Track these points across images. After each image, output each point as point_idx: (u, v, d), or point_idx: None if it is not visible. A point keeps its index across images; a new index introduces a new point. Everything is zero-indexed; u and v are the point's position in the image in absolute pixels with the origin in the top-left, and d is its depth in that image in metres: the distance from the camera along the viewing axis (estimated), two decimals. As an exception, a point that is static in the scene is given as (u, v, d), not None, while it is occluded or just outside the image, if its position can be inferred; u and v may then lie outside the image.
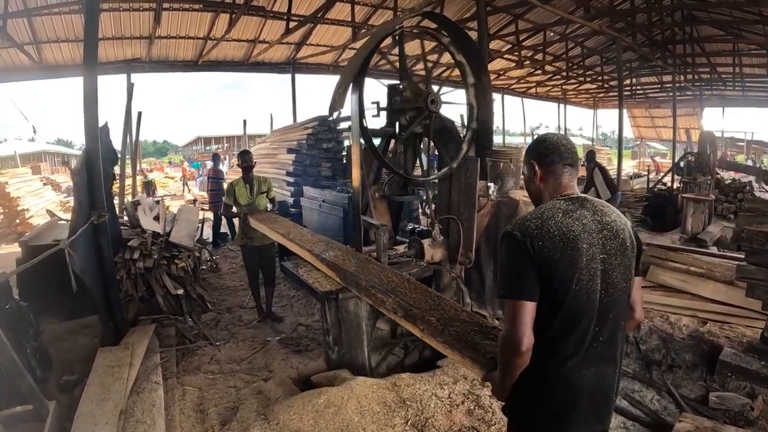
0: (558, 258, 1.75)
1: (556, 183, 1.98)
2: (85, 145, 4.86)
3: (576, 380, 1.85)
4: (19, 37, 10.55)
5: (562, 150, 1.97)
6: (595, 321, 1.83)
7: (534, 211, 1.90)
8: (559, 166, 1.97)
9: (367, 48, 4.19)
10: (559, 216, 1.82)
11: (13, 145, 38.43)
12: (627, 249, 1.90)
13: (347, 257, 4.19)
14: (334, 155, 10.58)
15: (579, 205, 1.89)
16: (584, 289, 1.78)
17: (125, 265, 5.70)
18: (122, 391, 3.86)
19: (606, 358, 1.90)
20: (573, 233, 1.78)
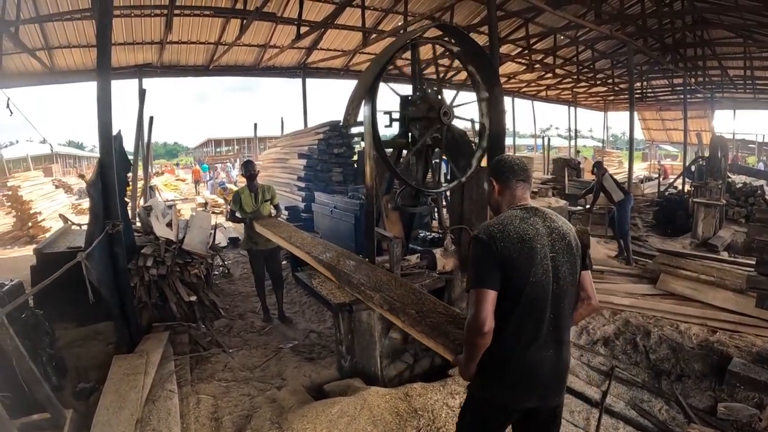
0: (516, 256, 2.12)
1: (511, 195, 2.35)
2: (99, 156, 4.90)
3: (538, 360, 2.20)
4: (31, 43, 10.68)
5: (516, 168, 2.35)
6: (550, 309, 2.19)
7: (495, 219, 2.28)
8: (513, 181, 2.34)
9: (380, 62, 4.22)
10: (517, 222, 2.19)
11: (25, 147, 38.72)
12: (572, 248, 2.26)
13: (342, 259, 4.59)
14: (345, 161, 10.63)
15: (532, 214, 2.26)
16: (540, 281, 2.15)
17: (139, 272, 5.73)
18: (138, 400, 3.89)
19: (560, 342, 2.25)
20: (528, 236, 2.15)
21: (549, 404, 2.32)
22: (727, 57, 18.55)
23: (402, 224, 5.16)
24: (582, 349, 4.99)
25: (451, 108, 4.51)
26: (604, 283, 6.67)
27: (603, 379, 4.41)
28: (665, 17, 14.70)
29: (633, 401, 4.07)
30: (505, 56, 16.84)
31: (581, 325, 5.53)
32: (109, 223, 4.71)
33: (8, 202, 14.72)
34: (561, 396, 2.38)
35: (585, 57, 18.88)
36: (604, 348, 5.12)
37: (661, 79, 23.59)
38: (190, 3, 10.85)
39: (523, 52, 17.13)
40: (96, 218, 4.76)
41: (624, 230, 9.05)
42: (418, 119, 4.57)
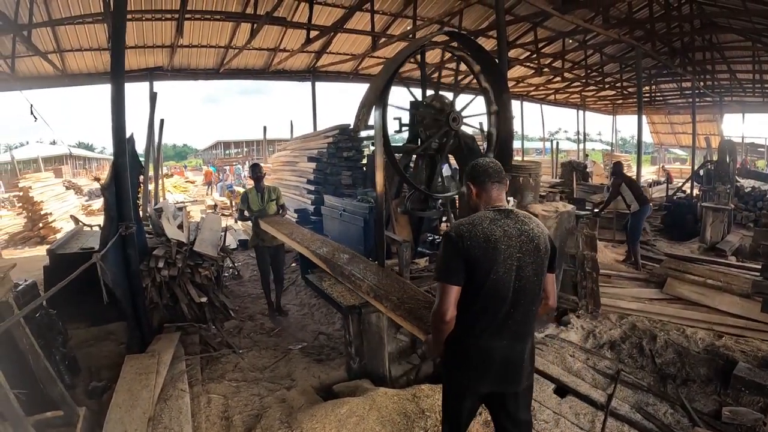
0: (480, 255, 2.30)
1: (487, 197, 2.51)
2: (113, 158, 4.99)
3: (490, 349, 2.41)
4: (43, 46, 10.77)
5: (490, 171, 2.51)
6: (510, 304, 2.37)
7: (467, 218, 2.43)
8: (488, 183, 2.50)
9: (391, 67, 4.28)
10: (486, 223, 2.36)
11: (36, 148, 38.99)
12: (540, 251, 2.42)
13: (337, 253, 4.95)
14: (355, 164, 10.67)
15: (504, 216, 2.42)
16: (500, 279, 2.32)
17: (150, 273, 5.81)
18: (150, 398, 3.96)
19: (518, 335, 2.45)
20: (494, 236, 2.32)
21: (507, 390, 2.51)
22: (735, 60, 18.46)
23: (411, 228, 5.22)
24: (588, 353, 5.02)
25: (459, 114, 4.57)
26: (612, 287, 6.69)
27: (609, 383, 4.43)
28: (673, 21, 14.66)
29: (638, 405, 4.09)
30: (513, 60, 16.84)
31: (588, 329, 5.56)
32: (123, 225, 4.79)
33: (19, 202, 14.87)
34: (519, 384, 2.52)
35: (593, 61, 18.84)
36: (611, 352, 5.15)
37: (669, 83, 23.50)
38: (201, 7, 10.92)
39: (532, 56, 17.11)
40: (110, 220, 4.84)
41: (634, 237, 8.96)
42: (428, 124, 4.63)
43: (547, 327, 5.57)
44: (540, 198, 5.66)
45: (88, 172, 40.48)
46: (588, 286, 5.92)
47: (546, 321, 5.58)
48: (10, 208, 16.25)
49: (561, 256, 5.51)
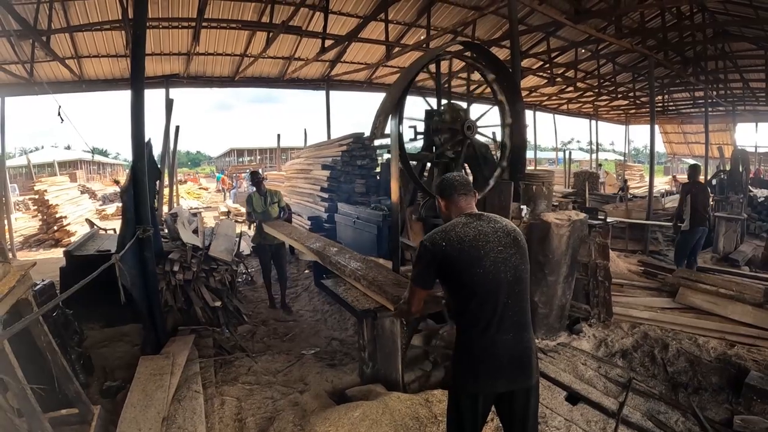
0: (457, 255, 2.46)
1: (456, 207, 2.67)
2: (132, 163, 5.07)
3: (497, 343, 2.47)
4: (61, 51, 10.99)
5: (456, 184, 2.69)
6: (506, 295, 2.47)
7: (440, 227, 2.61)
8: (455, 195, 2.68)
9: (406, 77, 4.34)
10: (459, 227, 2.52)
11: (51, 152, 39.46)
12: (519, 243, 2.56)
13: (327, 247, 5.77)
14: (368, 172, 10.71)
15: (475, 219, 2.57)
16: (489, 271, 2.44)
17: (165, 277, 5.88)
18: (164, 399, 3.99)
19: (520, 325, 2.52)
20: (468, 237, 2.47)
21: (520, 386, 2.54)
22: (748, 69, 18.35)
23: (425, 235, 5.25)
24: (600, 361, 5.02)
25: (474, 123, 4.62)
26: (624, 296, 6.68)
27: (620, 391, 4.43)
28: (686, 30, 14.63)
29: (650, 413, 4.09)
30: (526, 70, 16.84)
31: (600, 337, 5.56)
32: (140, 228, 4.87)
33: (35, 205, 15.06)
34: (530, 378, 2.56)
35: (606, 70, 18.82)
36: (622, 360, 5.14)
37: (682, 92, 23.38)
38: (218, 16, 11.08)
39: (545, 66, 17.17)
40: (128, 223, 4.92)
41: (677, 257, 8.57)
42: (443, 134, 4.68)
43: (559, 335, 5.57)
44: (553, 207, 5.66)
45: (102, 177, 40.91)
46: (600, 294, 5.91)
47: (558, 329, 5.58)
48: (25, 210, 16.47)
49: (574, 264, 5.52)
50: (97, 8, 9.97)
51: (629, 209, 13.13)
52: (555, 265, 5.27)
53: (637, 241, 11.20)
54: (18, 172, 33.37)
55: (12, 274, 3.29)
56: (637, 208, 13.21)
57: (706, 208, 8.44)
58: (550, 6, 11.57)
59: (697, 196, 8.34)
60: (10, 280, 3.22)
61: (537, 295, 5.29)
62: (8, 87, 11.71)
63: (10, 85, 11.66)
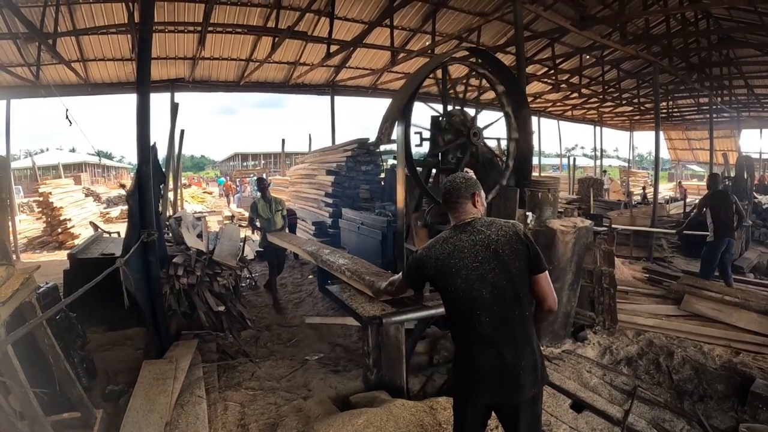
0: (433, 274, 2.53)
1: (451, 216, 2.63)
2: (137, 167, 5.08)
3: (479, 357, 2.44)
4: (67, 54, 11.05)
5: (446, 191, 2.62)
6: (484, 313, 2.40)
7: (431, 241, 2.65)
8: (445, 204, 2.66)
9: (413, 83, 4.34)
10: (438, 244, 2.55)
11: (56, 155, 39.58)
12: (501, 256, 2.41)
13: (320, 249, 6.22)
14: (373, 178, 10.70)
15: (459, 231, 2.53)
16: (463, 289, 2.42)
17: (169, 281, 5.88)
18: (167, 403, 3.98)
19: (506, 342, 2.41)
20: (443, 254, 2.49)
21: (505, 401, 2.48)
22: (753, 76, 18.41)
23: (430, 241, 5.25)
24: (605, 369, 4.99)
25: (480, 129, 4.61)
26: (629, 304, 6.65)
27: (625, 399, 4.40)
28: (690, 36, 14.63)
29: (655, 421, 4.06)
30: (531, 76, 16.87)
31: (605, 345, 5.53)
32: (145, 232, 4.87)
33: (39, 207, 15.10)
34: (518, 394, 2.43)
35: (611, 77, 18.81)
36: (627, 368, 5.11)
37: (687, 99, 23.34)
38: (224, 20, 11.13)
39: (549, 72, 17.16)
40: (133, 227, 4.92)
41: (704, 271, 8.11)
42: (449, 140, 4.67)
43: (564, 342, 5.54)
44: (558, 213, 5.65)
45: (107, 180, 41.05)
46: (605, 301, 5.89)
47: (563, 336, 5.56)
48: (29, 212, 16.51)
49: (579, 271, 5.50)
50: (104, 12, 10.03)
51: (634, 216, 13.08)
52: (560, 272, 5.26)
53: (641, 248, 11.16)
54: (23, 174, 33.52)
55: (16, 277, 3.29)
56: (641, 214, 13.16)
57: (730, 217, 8.01)
58: (555, 12, 11.61)
59: (717, 206, 8.03)
60: (14, 282, 3.22)
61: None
62: (14, 89, 11.80)
63: (16, 88, 11.75)
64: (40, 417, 3.10)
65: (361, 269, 4.72)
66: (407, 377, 4.31)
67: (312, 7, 10.71)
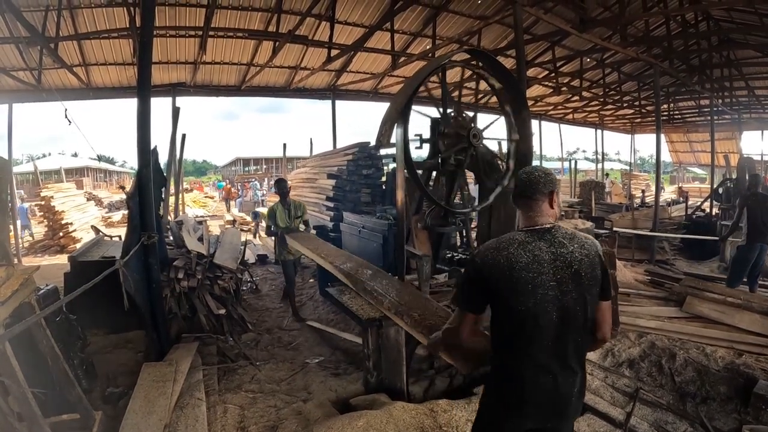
0: (502, 285, 2.09)
1: (523, 214, 2.25)
2: (138, 170, 5.08)
3: (533, 384, 2.15)
4: (69, 59, 11.08)
5: (519, 183, 2.26)
6: (551, 337, 2.11)
7: (495, 241, 2.21)
8: (518, 199, 2.26)
9: (412, 85, 4.34)
10: (513, 247, 2.11)
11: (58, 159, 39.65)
12: (582, 278, 2.12)
13: (362, 268, 4.94)
14: (374, 181, 10.66)
15: (538, 237, 2.15)
16: (533, 311, 2.07)
17: (170, 284, 5.88)
18: (167, 406, 3.99)
19: (565, 369, 2.16)
20: (520, 264, 2.07)
21: (549, 425, 2.26)
22: (754, 77, 18.41)
23: (431, 244, 5.24)
24: (607, 371, 4.97)
25: (479, 131, 4.61)
26: (631, 306, 6.63)
27: (627, 401, 4.39)
28: (691, 38, 14.64)
29: (657, 423, 4.04)
30: (531, 79, 16.87)
31: (607, 347, 5.51)
32: (145, 235, 4.87)
33: (41, 211, 15.13)
34: (565, 421, 2.30)
35: (611, 79, 18.81)
36: (629, 370, 5.08)
37: (688, 101, 23.36)
38: (225, 25, 11.14)
39: (550, 75, 17.18)
40: (134, 229, 4.92)
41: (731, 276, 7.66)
42: (449, 142, 4.67)
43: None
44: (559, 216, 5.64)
45: (109, 184, 41.12)
46: (607, 304, 5.87)
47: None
48: (31, 216, 16.53)
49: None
50: (105, 16, 10.04)
51: (635, 218, 13.06)
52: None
53: (643, 250, 11.14)
54: (25, 178, 33.56)
55: (15, 278, 3.30)
56: (643, 217, 13.14)
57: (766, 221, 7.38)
58: (555, 15, 11.62)
59: (754, 208, 7.45)
60: (14, 283, 3.22)
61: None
62: (16, 93, 11.80)
63: (18, 92, 11.75)
64: (38, 418, 3.10)
65: (426, 314, 3.54)
66: (407, 380, 4.31)
67: (312, 11, 10.71)
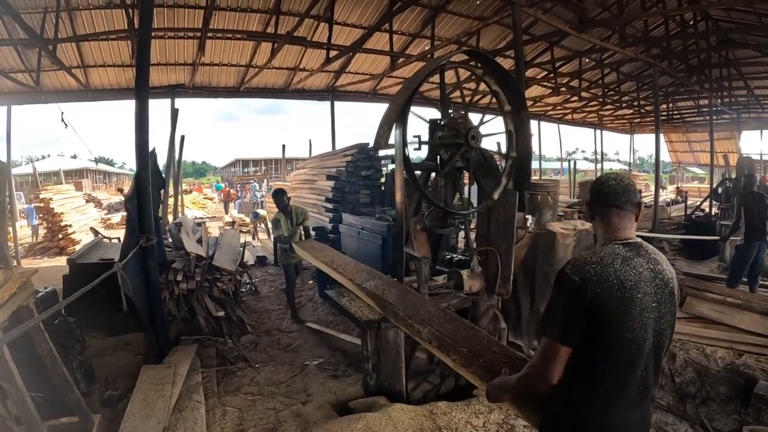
0: (614, 308, 1.76)
1: (605, 225, 1.97)
2: (136, 172, 5.08)
3: (619, 425, 1.88)
4: (67, 60, 11.07)
5: (607, 191, 1.96)
6: (643, 366, 1.85)
7: (593, 255, 1.87)
8: (610, 208, 1.95)
9: (411, 86, 4.33)
10: (618, 263, 1.81)
11: (57, 161, 39.64)
12: (674, 297, 1.92)
13: (387, 287, 4.32)
14: (373, 183, 10.68)
15: (636, 253, 1.88)
16: (636, 338, 1.79)
17: (169, 286, 5.87)
18: (165, 409, 3.99)
19: (646, 399, 1.94)
20: (630, 282, 1.78)
21: None
22: (753, 77, 18.45)
23: (430, 245, 5.23)
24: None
25: (478, 131, 4.60)
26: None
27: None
28: (690, 38, 14.65)
29: (657, 424, 4.04)
30: (530, 79, 16.89)
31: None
32: (143, 237, 4.86)
33: (40, 213, 15.11)
34: None
35: (610, 80, 18.82)
36: (629, 371, 5.08)
37: (687, 101, 23.38)
38: (223, 26, 11.14)
39: (549, 76, 17.18)
40: (132, 231, 4.92)
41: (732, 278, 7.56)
42: (447, 142, 4.66)
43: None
44: (558, 217, 5.63)
45: (108, 186, 41.10)
46: (606, 304, 5.84)
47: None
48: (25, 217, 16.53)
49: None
50: (104, 18, 10.04)
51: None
52: (560, 275, 5.21)
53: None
54: (24, 180, 33.50)
55: (13, 281, 3.29)
56: (642, 217, 13.13)
57: (763, 220, 7.41)
58: (554, 15, 11.59)
59: (751, 207, 7.49)
60: (11, 286, 3.21)
61: (543, 306, 5.24)
62: (15, 95, 11.79)
63: (16, 94, 11.74)
64: (36, 421, 3.09)
65: (476, 348, 2.93)
66: (407, 382, 4.30)
67: (311, 12, 10.71)
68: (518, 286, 5.16)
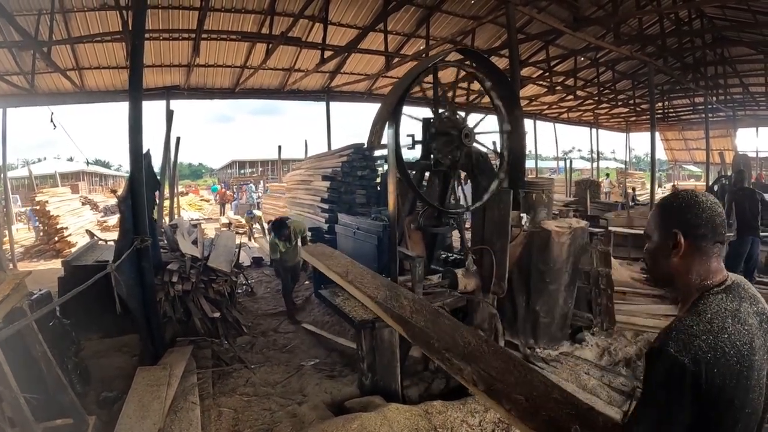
0: (734, 386, 1.30)
1: (702, 266, 1.48)
2: (130, 173, 5.07)
3: None
4: (62, 62, 11.05)
5: (718, 222, 1.47)
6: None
7: (698, 320, 1.36)
8: (710, 243, 1.47)
9: (403, 85, 4.33)
10: (729, 323, 1.34)
11: (53, 164, 39.56)
12: None
13: (415, 308, 3.59)
14: (369, 183, 10.65)
15: (739, 298, 1.43)
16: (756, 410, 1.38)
17: (164, 287, 5.86)
18: (160, 410, 3.97)
19: None
20: (746, 346, 1.32)
21: None
22: (748, 74, 18.51)
23: (424, 244, 5.23)
24: (603, 370, 4.97)
25: (472, 130, 4.60)
26: (627, 305, 6.63)
27: (624, 400, 4.38)
28: (685, 36, 14.70)
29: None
30: (526, 79, 16.86)
31: (603, 346, 5.51)
32: (138, 239, 4.85)
33: (36, 216, 15.07)
34: None
35: (606, 78, 18.87)
36: (626, 369, 5.08)
37: (682, 99, 23.42)
38: (218, 27, 11.15)
39: (544, 75, 17.21)
40: (126, 233, 4.91)
41: None
42: (441, 142, 4.66)
43: (562, 344, 5.51)
44: (553, 215, 5.64)
45: (104, 188, 41.01)
46: (603, 303, 5.86)
47: (560, 338, 5.53)
48: (26, 221, 16.48)
49: (576, 272, 5.48)
50: (98, 20, 10.03)
51: (631, 217, 13.07)
52: (556, 273, 5.23)
53: (639, 249, 11.08)
54: (20, 183, 33.41)
55: (7, 283, 3.28)
56: (639, 215, 13.15)
57: (755, 215, 7.41)
58: (549, 14, 11.63)
59: (742, 203, 7.52)
60: (5, 288, 3.21)
61: (539, 304, 5.25)
62: (9, 98, 11.77)
63: (11, 96, 11.71)
64: (31, 423, 3.09)
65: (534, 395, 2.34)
66: (402, 381, 4.29)
67: (305, 12, 10.71)
68: (513, 285, 5.17)
